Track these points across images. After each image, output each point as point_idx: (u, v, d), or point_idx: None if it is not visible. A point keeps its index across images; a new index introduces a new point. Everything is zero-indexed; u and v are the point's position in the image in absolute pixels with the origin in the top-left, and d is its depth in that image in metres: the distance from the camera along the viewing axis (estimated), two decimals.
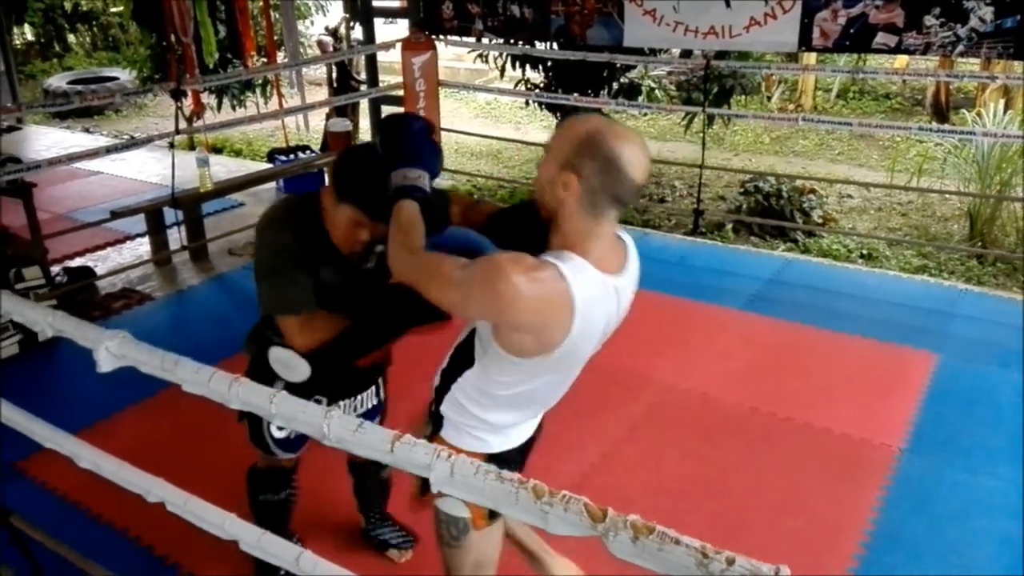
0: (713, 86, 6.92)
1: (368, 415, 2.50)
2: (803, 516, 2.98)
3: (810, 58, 9.15)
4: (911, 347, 4.17)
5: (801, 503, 3.04)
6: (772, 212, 6.77)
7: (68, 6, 14.72)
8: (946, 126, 8.53)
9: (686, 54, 6.72)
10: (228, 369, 1.39)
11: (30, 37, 15.23)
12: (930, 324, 4.48)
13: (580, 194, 1.52)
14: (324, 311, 2.05)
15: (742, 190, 7.25)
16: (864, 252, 6.50)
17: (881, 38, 4.62)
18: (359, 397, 2.47)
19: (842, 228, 7.06)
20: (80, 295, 4.82)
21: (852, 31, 4.67)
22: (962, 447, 3.37)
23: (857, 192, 7.99)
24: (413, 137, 1.85)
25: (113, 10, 15.09)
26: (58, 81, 12.30)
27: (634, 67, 7.53)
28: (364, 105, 8.16)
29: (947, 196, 7.44)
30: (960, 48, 4.46)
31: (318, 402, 2.09)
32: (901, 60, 10.05)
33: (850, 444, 3.40)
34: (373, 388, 2.52)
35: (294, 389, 2.05)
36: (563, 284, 1.49)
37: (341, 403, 2.40)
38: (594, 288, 1.55)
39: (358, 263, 2.14)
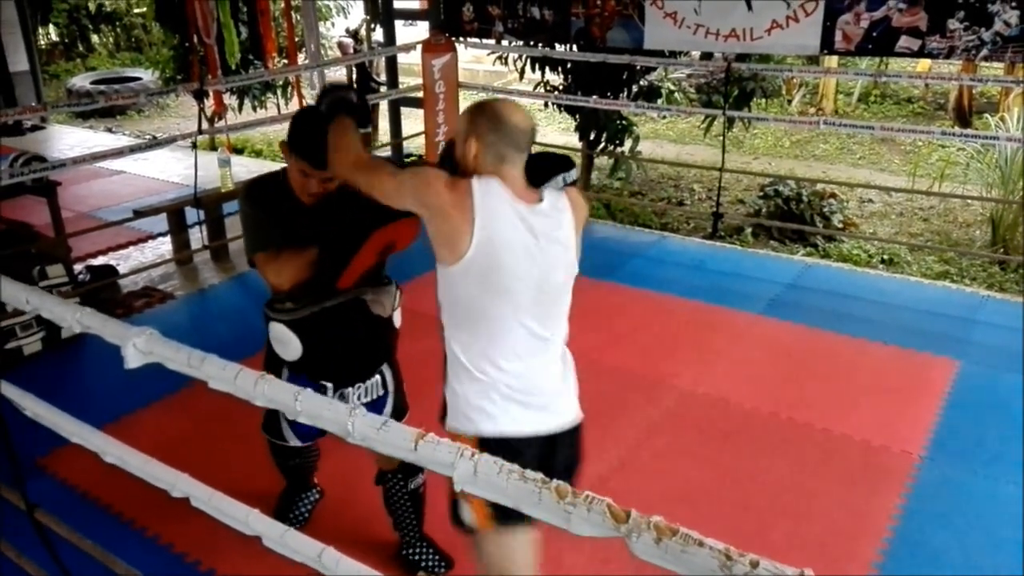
0: (733, 89, 6.90)
1: (375, 405, 2.54)
2: (821, 523, 2.96)
3: (832, 61, 9.10)
4: (932, 353, 4.14)
5: (820, 510, 3.03)
6: (792, 216, 6.74)
7: (92, 7, 14.88)
8: (969, 131, 8.44)
9: (707, 56, 6.70)
10: (252, 367, 1.41)
11: (54, 37, 15.41)
12: (951, 330, 4.44)
13: (483, 151, 1.87)
14: (289, 247, 2.29)
15: (762, 194, 7.23)
16: (885, 257, 6.46)
17: (904, 42, 4.59)
18: (364, 386, 2.52)
19: (863, 233, 7.01)
20: (103, 293, 4.87)
21: (875, 34, 4.64)
22: (983, 454, 3.34)
23: (878, 197, 7.93)
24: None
25: (136, 11, 15.25)
26: (81, 81, 12.43)
27: (654, 69, 7.52)
28: (384, 106, 8.20)
29: (969, 201, 7.37)
30: (984, 52, 4.42)
31: (323, 388, 2.34)
32: (924, 64, 9.99)
33: (869, 451, 3.37)
34: (379, 378, 2.57)
35: (299, 371, 2.36)
36: (470, 187, 1.82)
37: (347, 391, 2.49)
38: (498, 203, 1.83)
39: (315, 210, 2.35)
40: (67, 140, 9.51)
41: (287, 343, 2.38)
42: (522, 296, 1.90)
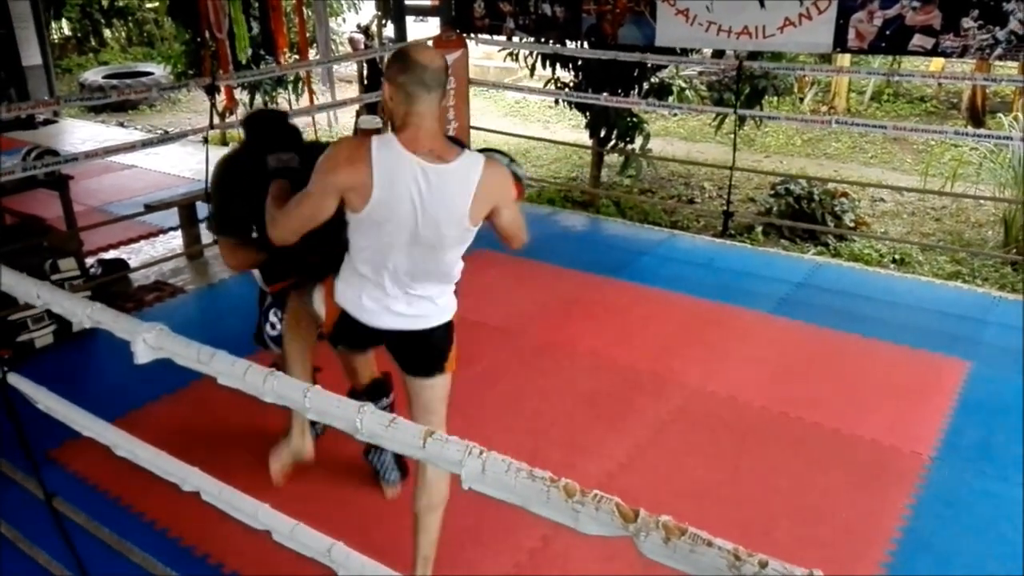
0: (745, 87, 6.87)
1: None
2: (830, 523, 2.95)
3: (844, 59, 9.05)
4: (943, 354, 4.11)
5: (828, 510, 3.02)
6: (803, 215, 6.71)
7: (104, 2, 14.95)
8: (982, 130, 8.39)
9: (718, 54, 6.69)
10: (258, 362, 1.41)
11: (67, 32, 15.49)
12: (962, 331, 4.42)
13: (395, 92, 2.05)
14: (245, 241, 2.61)
15: (773, 192, 7.20)
16: (896, 257, 6.42)
17: (917, 40, 4.56)
18: None
19: (874, 232, 6.98)
20: (114, 287, 4.90)
21: (888, 33, 4.62)
22: (993, 456, 3.32)
23: (890, 196, 7.90)
24: (284, 127, 2.61)
25: (149, 6, 15.32)
26: (94, 75, 12.49)
27: (665, 67, 7.50)
28: None
29: (982, 202, 7.33)
30: (998, 51, 4.39)
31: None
32: (937, 63, 9.93)
33: (879, 451, 3.36)
34: None
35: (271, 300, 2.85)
36: (368, 149, 2.02)
37: None
38: (394, 158, 2.02)
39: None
40: (79, 134, 9.55)
41: (254, 272, 2.89)
42: (401, 241, 2.12)
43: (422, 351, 2.39)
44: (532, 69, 7.59)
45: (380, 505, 3.03)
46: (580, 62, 7.03)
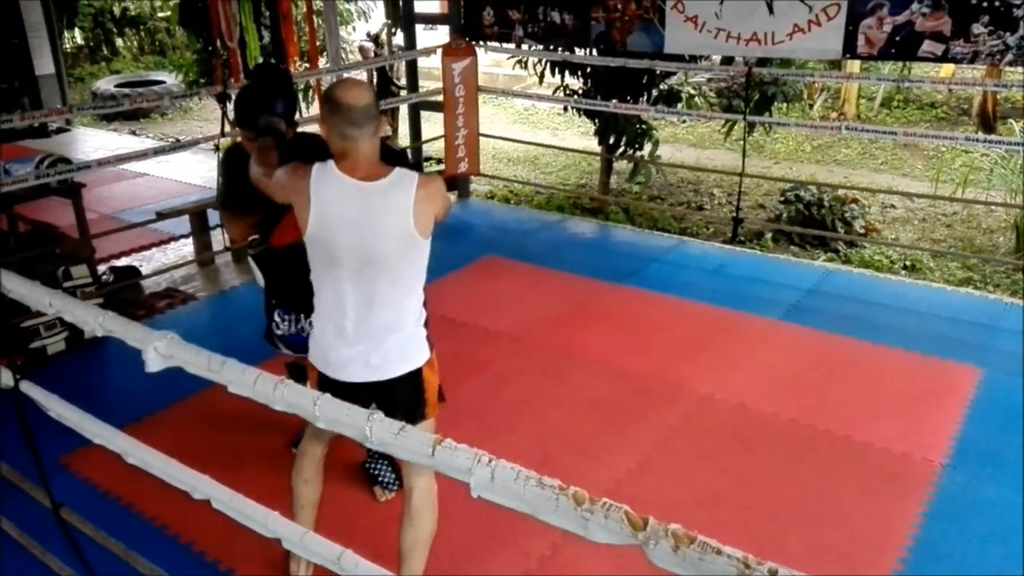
0: (754, 93, 6.87)
1: None
2: (841, 530, 2.94)
3: (854, 66, 9.04)
4: (954, 361, 4.09)
5: (839, 517, 3.00)
6: (813, 221, 6.70)
7: (117, 11, 15.06)
8: (993, 136, 8.36)
9: (727, 61, 6.68)
10: (269, 369, 1.42)
11: (80, 41, 15.60)
12: (974, 338, 4.39)
13: (329, 132, 2.17)
14: (239, 211, 2.80)
15: (782, 199, 7.19)
16: (907, 263, 6.40)
17: (927, 46, 4.55)
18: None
19: (884, 239, 6.96)
20: (125, 294, 4.92)
21: (898, 39, 4.61)
22: (1005, 463, 3.29)
23: (900, 202, 7.87)
24: (278, 91, 2.80)
25: (160, 15, 15.42)
26: (106, 84, 12.58)
27: (674, 74, 7.50)
28: (404, 110, 8.23)
29: (993, 208, 7.30)
30: (1009, 57, 4.37)
31: (292, 314, 2.85)
32: (947, 69, 9.90)
33: (890, 458, 3.34)
34: None
35: (274, 299, 2.91)
36: (308, 174, 2.16)
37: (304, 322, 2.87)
38: (331, 182, 2.14)
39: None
40: (91, 142, 9.62)
41: (255, 273, 3.03)
42: (350, 266, 2.18)
43: (396, 405, 2.33)
44: (541, 76, 7.61)
45: (389, 514, 3.02)
46: (589, 69, 7.05)
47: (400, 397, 2.35)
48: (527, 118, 12.14)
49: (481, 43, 6.37)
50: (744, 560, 0.86)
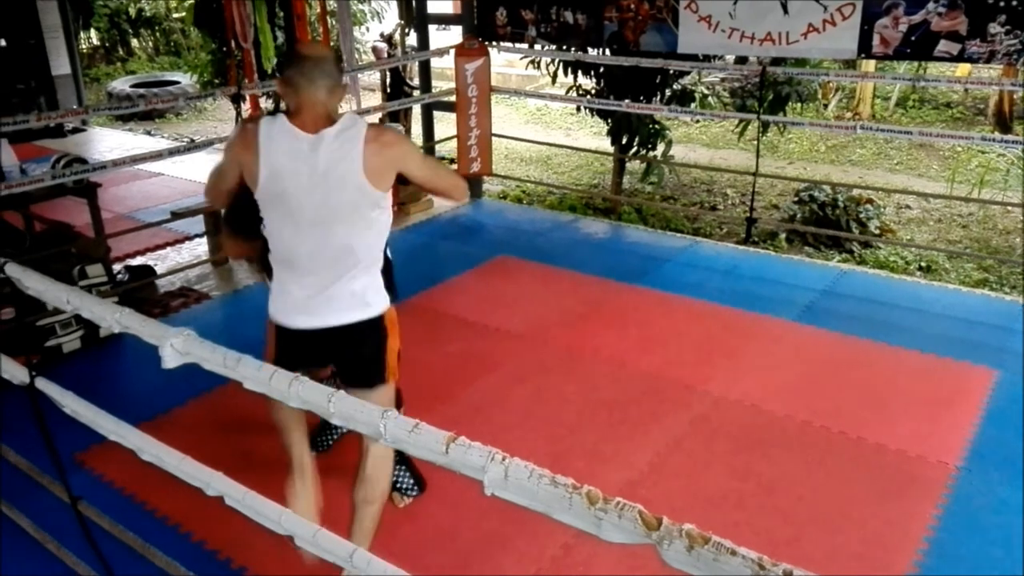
0: (768, 93, 6.84)
1: None
2: (855, 533, 2.92)
3: (869, 65, 8.98)
4: (970, 363, 4.06)
5: (853, 520, 2.98)
6: (827, 222, 6.67)
7: (132, 12, 15.16)
8: (1009, 136, 8.29)
9: (741, 60, 6.65)
10: None
11: (95, 41, 15.72)
12: (990, 339, 4.36)
13: (284, 85, 2.17)
14: (238, 237, 2.67)
15: (796, 199, 7.16)
16: (922, 264, 6.36)
17: (943, 46, 4.52)
18: None
19: (900, 239, 6.91)
20: (140, 293, 4.95)
21: (913, 38, 4.58)
22: (1021, 466, 3.26)
23: (916, 203, 7.82)
24: None
25: (175, 16, 15.51)
26: (121, 84, 12.66)
27: (687, 73, 7.48)
28: (417, 110, 8.24)
29: (1010, 208, 7.24)
30: None
31: None
32: (963, 68, 9.83)
33: (905, 460, 3.32)
34: None
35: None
36: (256, 129, 2.17)
37: None
38: (281, 133, 2.15)
39: None
40: (107, 142, 9.69)
41: (265, 276, 2.94)
42: (300, 219, 2.19)
43: (354, 352, 2.36)
44: (554, 76, 7.61)
45: (400, 513, 3.03)
46: (602, 69, 7.04)
47: (357, 348, 2.35)
48: (540, 118, 12.14)
49: (494, 43, 6.38)
50: (759, 561, 0.86)
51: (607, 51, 6.13)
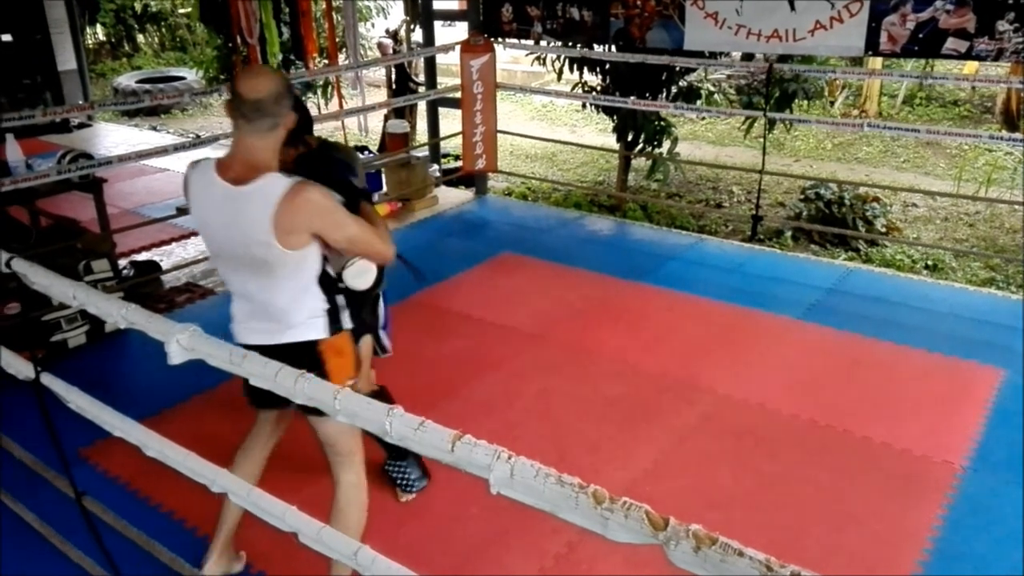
0: (774, 90, 6.81)
1: None
2: (860, 532, 2.91)
3: (876, 62, 8.94)
4: (976, 362, 4.04)
5: (858, 519, 2.98)
6: (833, 220, 6.64)
7: (138, 7, 15.18)
8: (1017, 135, 8.25)
9: (747, 57, 6.63)
10: None
11: (101, 37, 15.74)
12: (996, 339, 4.34)
13: (227, 114, 2.12)
14: None
15: (803, 197, 7.14)
16: (929, 263, 6.34)
17: (951, 43, 4.50)
18: None
19: (906, 238, 6.89)
20: (146, 288, 4.96)
21: (921, 36, 4.56)
22: None
23: (923, 201, 7.79)
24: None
25: (181, 11, 15.52)
26: (127, 80, 12.67)
27: (694, 70, 7.46)
28: (422, 107, 8.24)
29: (1017, 207, 7.20)
30: None
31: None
32: (971, 66, 9.78)
33: (911, 460, 3.31)
34: None
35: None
36: (187, 176, 2.20)
37: None
38: (202, 187, 2.15)
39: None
40: (113, 138, 9.70)
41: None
42: (228, 262, 2.23)
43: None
44: (559, 73, 7.58)
45: (403, 511, 3.04)
46: (608, 66, 7.01)
47: (293, 361, 2.37)
48: (545, 115, 12.11)
49: (500, 40, 6.36)
50: (766, 562, 0.85)
51: (613, 47, 6.11)
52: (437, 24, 7.10)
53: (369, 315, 2.95)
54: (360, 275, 2.62)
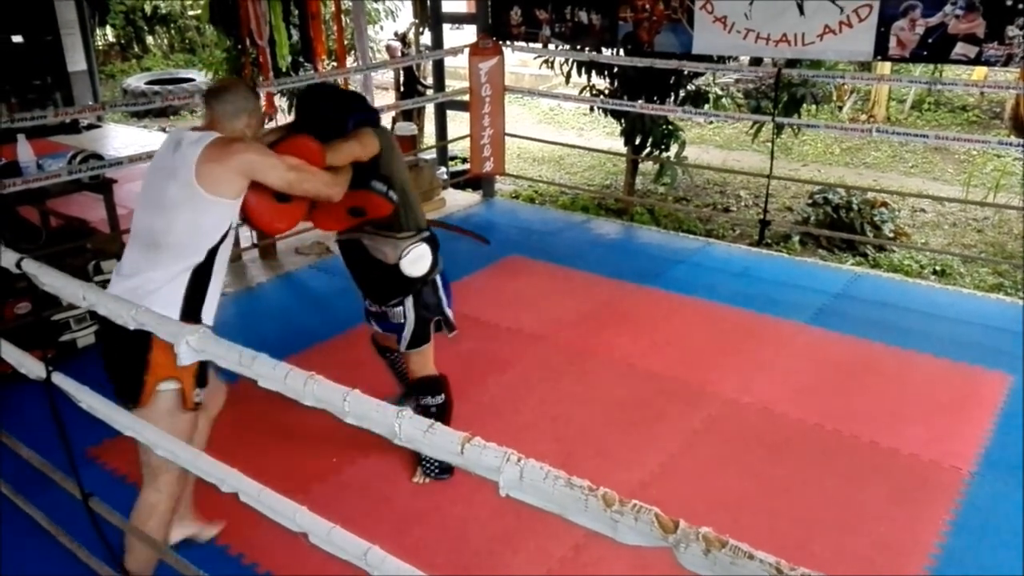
0: (783, 94, 6.81)
1: (396, 328, 3.07)
2: (867, 538, 2.90)
3: (884, 67, 8.94)
4: (984, 367, 4.03)
5: (865, 524, 2.97)
6: (841, 225, 6.63)
7: (148, 9, 15.24)
8: None
9: (756, 61, 6.63)
10: (296, 364, 1.42)
11: (111, 38, 15.81)
12: (1004, 344, 4.32)
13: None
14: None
15: (810, 201, 7.13)
16: (937, 268, 6.32)
17: (960, 49, 4.49)
18: (384, 309, 3.07)
19: (914, 243, 6.88)
20: None
21: (930, 41, 4.55)
22: None
23: (931, 206, 7.77)
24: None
25: (191, 13, 15.58)
26: (136, 81, 12.73)
27: (702, 74, 7.46)
28: (430, 109, 8.26)
29: None
30: None
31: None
32: (980, 71, 9.76)
33: (918, 465, 3.30)
34: (400, 309, 3.02)
35: None
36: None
37: (369, 306, 3.16)
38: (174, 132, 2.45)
39: None
40: (122, 139, 9.74)
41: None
42: (142, 204, 2.40)
43: (110, 353, 2.42)
44: (567, 76, 7.60)
45: (416, 509, 3.04)
46: (616, 69, 7.03)
47: (112, 349, 2.42)
48: (553, 118, 12.13)
49: (508, 43, 6.38)
50: (777, 565, 0.86)
51: (621, 51, 6.12)
52: (446, 27, 7.12)
53: (431, 296, 3.06)
54: (416, 261, 2.92)
